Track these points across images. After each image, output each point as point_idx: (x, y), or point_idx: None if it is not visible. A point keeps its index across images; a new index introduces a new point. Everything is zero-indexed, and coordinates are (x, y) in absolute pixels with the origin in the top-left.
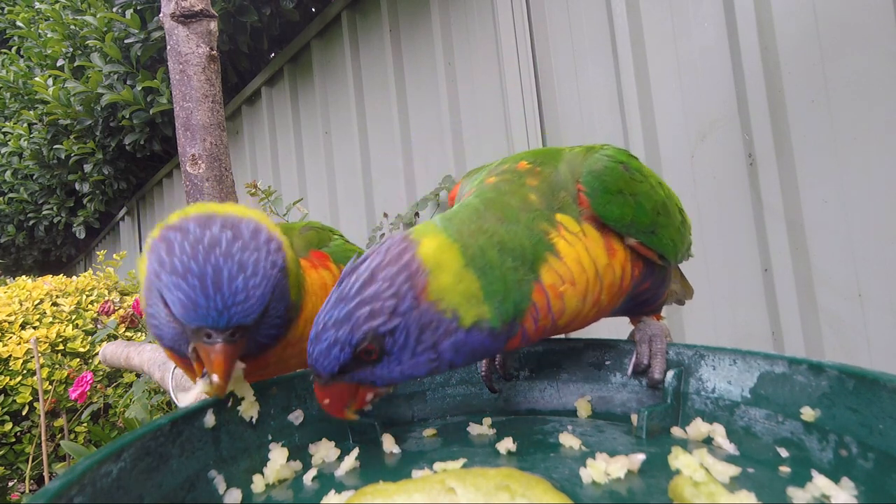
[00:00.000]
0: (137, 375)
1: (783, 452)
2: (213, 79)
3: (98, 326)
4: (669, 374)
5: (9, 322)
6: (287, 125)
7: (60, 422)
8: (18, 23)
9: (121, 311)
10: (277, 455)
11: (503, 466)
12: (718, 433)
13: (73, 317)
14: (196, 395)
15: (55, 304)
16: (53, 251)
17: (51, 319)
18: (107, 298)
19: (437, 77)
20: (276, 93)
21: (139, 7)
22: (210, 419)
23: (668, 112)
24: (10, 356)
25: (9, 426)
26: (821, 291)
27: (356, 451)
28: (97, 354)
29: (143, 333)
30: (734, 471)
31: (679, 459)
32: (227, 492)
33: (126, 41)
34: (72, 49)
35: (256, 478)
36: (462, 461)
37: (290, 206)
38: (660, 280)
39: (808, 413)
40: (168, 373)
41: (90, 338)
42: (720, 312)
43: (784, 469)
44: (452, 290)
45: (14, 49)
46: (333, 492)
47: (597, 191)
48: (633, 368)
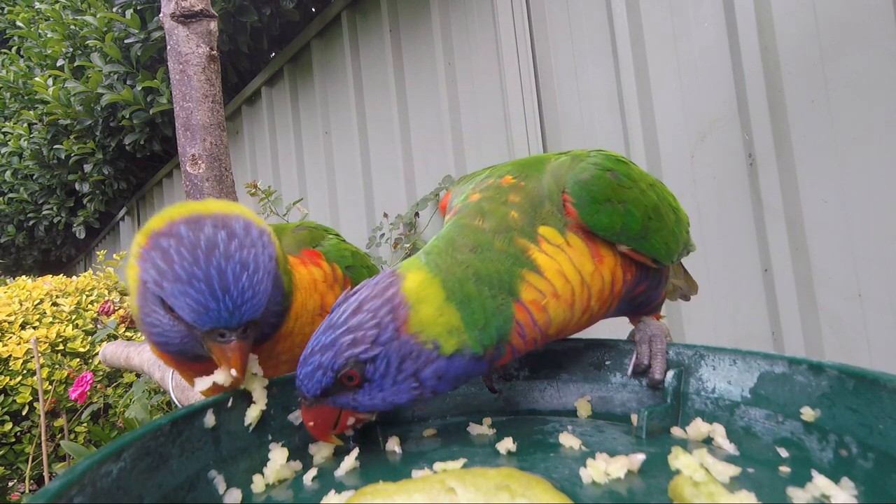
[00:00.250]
0: (137, 375)
1: (783, 452)
2: (213, 79)
3: (98, 326)
4: (669, 374)
5: (9, 322)
6: (287, 125)
7: (60, 422)
8: (18, 23)
9: (121, 311)
10: (277, 455)
11: (503, 466)
12: (718, 433)
13: (73, 317)
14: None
15: (55, 304)
16: (53, 251)
17: (51, 319)
18: (107, 298)
19: (437, 77)
20: (276, 93)
21: (139, 7)
22: (210, 419)
23: (668, 112)
24: (10, 356)
25: (9, 426)
26: (821, 291)
27: (356, 451)
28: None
29: None
30: (734, 471)
31: (679, 459)
32: (227, 492)
33: (126, 41)
34: (72, 49)
35: (256, 478)
36: (462, 461)
37: (290, 206)
38: (655, 282)
39: (808, 413)
40: (168, 373)
41: (90, 338)
42: (720, 312)
43: (784, 469)
44: (433, 323)
45: (14, 49)
46: (333, 492)
47: (584, 200)
48: (634, 368)
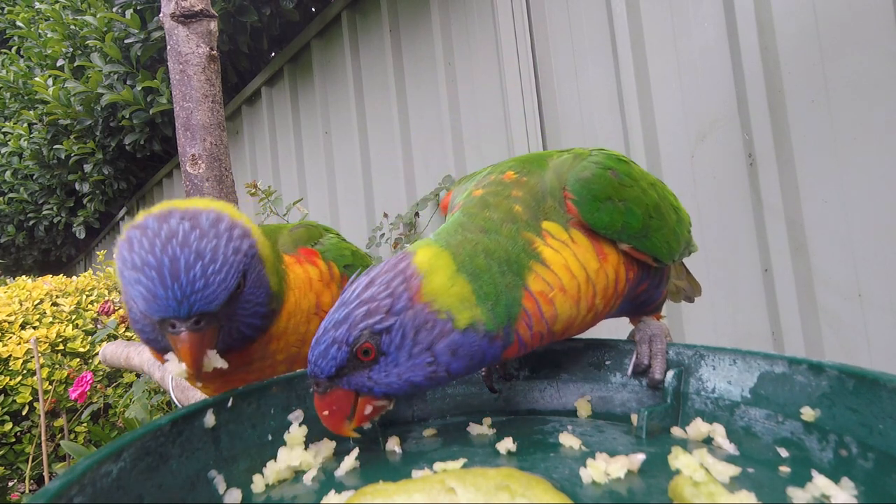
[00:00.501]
0: (137, 375)
1: (783, 452)
2: (213, 79)
3: (98, 326)
4: (669, 374)
5: (9, 322)
6: (287, 125)
7: (60, 422)
8: (18, 23)
9: (121, 311)
10: (283, 454)
11: (503, 466)
12: (718, 433)
13: (73, 317)
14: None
15: (55, 304)
16: (53, 251)
17: (51, 319)
18: (107, 298)
19: (437, 77)
20: (276, 93)
21: (139, 7)
22: (210, 419)
23: (668, 112)
24: (10, 356)
25: (9, 426)
26: (821, 291)
27: (356, 451)
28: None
29: None
30: (734, 471)
31: (679, 459)
32: (227, 492)
33: (126, 41)
34: (72, 49)
35: (256, 478)
36: (462, 461)
37: (290, 206)
38: (657, 281)
39: (808, 413)
40: (168, 373)
41: (90, 338)
42: (720, 312)
43: (784, 469)
44: (445, 293)
45: (14, 49)
46: (333, 492)
47: (585, 199)
48: (634, 368)
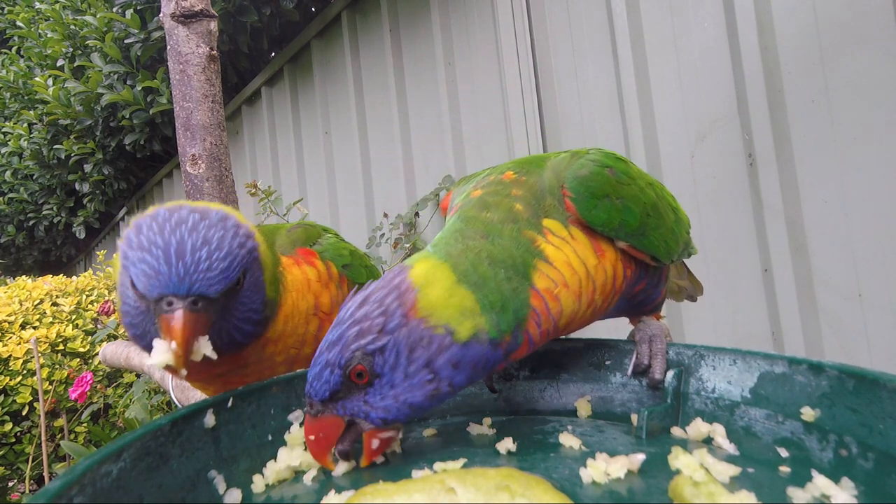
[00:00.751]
0: (137, 375)
1: (783, 452)
2: (213, 79)
3: (98, 326)
4: (669, 374)
5: (9, 322)
6: (287, 125)
7: (60, 422)
8: (18, 23)
9: None
10: (283, 454)
11: (503, 466)
12: (718, 433)
13: (73, 317)
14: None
15: (55, 304)
16: (53, 251)
17: (51, 319)
18: (107, 298)
19: (437, 77)
20: (276, 93)
21: (139, 7)
22: (210, 419)
23: (668, 112)
24: (10, 356)
25: (9, 426)
26: (821, 291)
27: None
28: (97, 354)
29: None
30: (734, 471)
31: (679, 459)
32: (227, 492)
33: (126, 41)
34: (72, 49)
35: (256, 478)
36: (462, 461)
37: (290, 206)
38: (655, 280)
39: (808, 413)
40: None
41: (90, 338)
42: (720, 312)
43: (784, 469)
44: (443, 305)
45: (14, 49)
46: (333, 492)
47: (582, 196)
48: (634, 368)
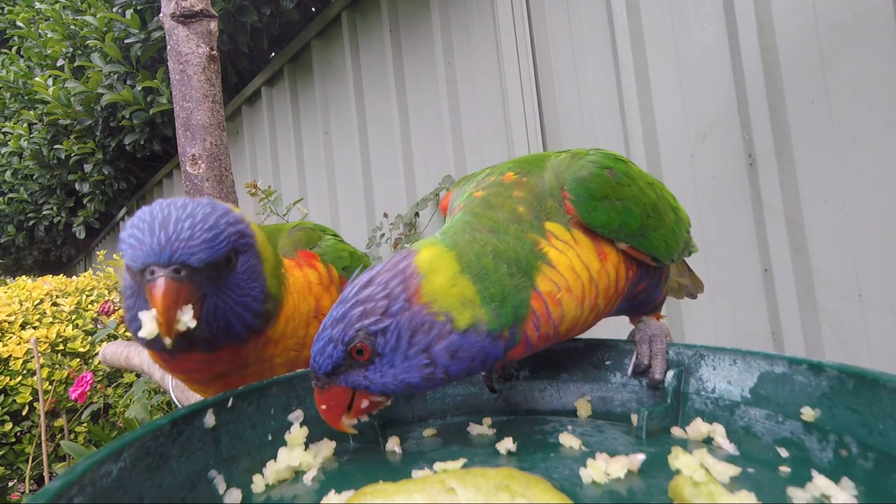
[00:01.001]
0: (137, 375)
1: (783, 452)
2: (213, 79)
3: (98, 326)
4: (669, 374)
5: (9, 322)
6: (287, 125)
7: (60, 422)
8: (18, 23)
9: (121, 311)
10: (283, 454)
11: (503, 466)
12: (718, 433)
13: (73, 317)
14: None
15: (55, 304)
16: (53, 251)
17: (51, 319)
18: (107, 298)
19: (437, 77)
20: (276, 93)
21: (139, 7)
22: (210, 419)
23: (668, 112)
24: (10, 356)
25: (9, 426)
26: (821, 291)
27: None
28: (97, 354)
29: None
30: (734, 471)
31: (679, 459)
32: (227, 492)
33: (126, 41)
34: (72, 49)
35: (256, 478)
36: (462, 461)
37: (290, 206)
38: (655, 280)
39: (808, 413)
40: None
41: (90, 338)
42: (720, 312)
43: (784, 469)
44: (446, 294)
45: (14, 49)
46: (333, 492)
47: (582, 198)
48: (634, 368)
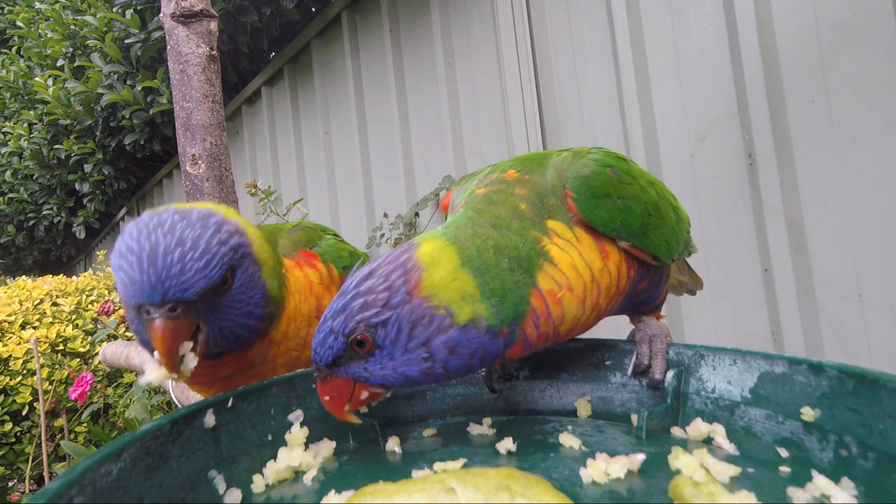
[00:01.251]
0: (137, 375)
1: (783, 452)
2: (213, 79)
3: (98, 326)
4: (669, 374)
5: (9, 322)
6: (287, 125)
7: (60, 422)
8: (18, 23)
9: (121, 311)
10: (283, 454)
11: (503, 466)
12: (718, 433)
13: (73, 317)
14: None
15: (55, 304)
16: (53, 251)
17: (51, 319)
18: (107, 298)
19: (437, 77)
20: (276, 93)
21: (139, 7)
22: (210, 419)
23: (668, 112)
24: (10, 356)
25: (9, 426)
26: (821, 291)
27: (356, 452)
28: (97, 354)
29: None
30: (734, 471)
31: (679, 459)
32: (227, 492)
33: (126, 41)
34: (72, 49)
35: (256, 478)
36: (462, 461)
37: (290, 206)
38: (656, 280)
39: (808, 413)
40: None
41: (90, 338)
42: (720, 312)
43: (784, 469)
44: (446, 287)
45: (14, 49)
46: (333, 492)
47: (584, 196)
48: (634, 368)
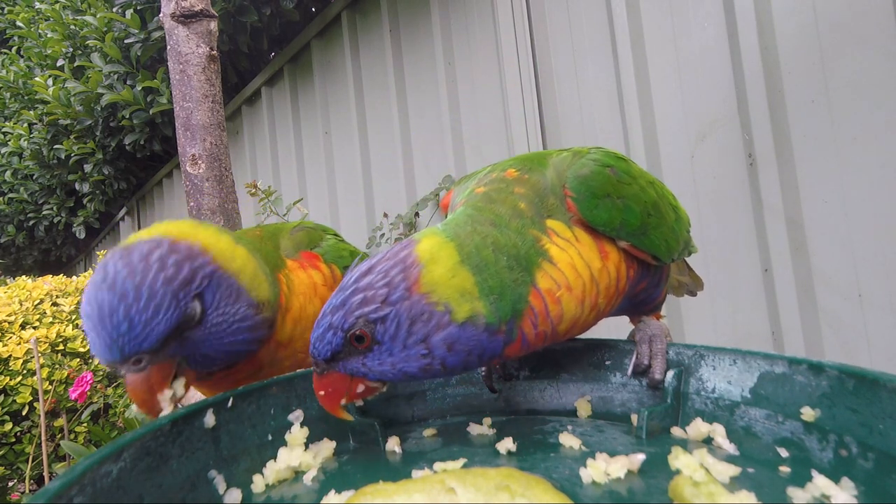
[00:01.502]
0: None
1: (783, 452)
2: (213, 79)
3: None
4: (669, 374)
5: (9, 322)
6: (287, 125)
7: (60, 422)
8: (18, 23)
9: None
10: (283, 454)
11: (503, 466)
12: (718, 433)
13: (73, 317)
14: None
15: (55, 304)
16: (53, 251)
17: (51, 319)
18: None
19: (437, 77)
20: (276, 93)
21: (139, 7)
22: (210, 419)
23: (668, 112)
24: (10, 356)
25: (9, 426)
26: (821, 291)
27: (356, 452)
28: None
29: None
30: (734, 471)
31: (679, 459)
32: (227, 492)
33: (126, 41)
34: (72, 49)
35: (256, 478)
36: (462, 461)
37: (290, 206)
38: (656, 280)
39: (808, 413)
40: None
41: None
42: (720, 312)
43: (784, 469)
44: (445, 284)
45: (14, 49)
46: (333, 492)
47: (583, 196)
48: (634, 368)
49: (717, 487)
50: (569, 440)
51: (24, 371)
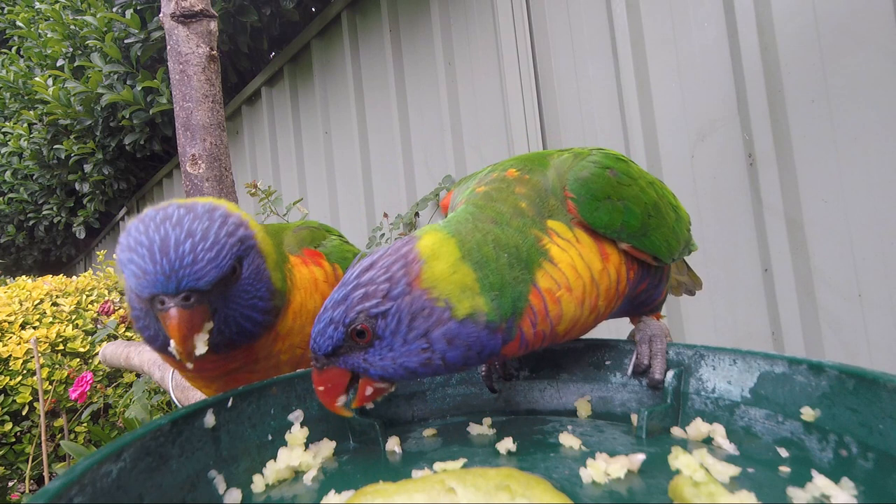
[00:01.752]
0: (137, 375)
1: (783, 452)
2: (213, 79)
3: (98, 326)
4: (669, 374)
5: (9, 322)
6: (287, 125)
7: (60, 422)
8: (18, 23)
9: (121, 311)
10: (283, 454)
11: (503, 466)
12: (718, 433)
13: (73, 317)
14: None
15: (55, 304)
16: (53, 251)
17: (51, 319)
18: (107, 298)
19: (437, 77)
20: (276, 93)
21: (139, 7)
22: (210, 419)
23: (668, 112)
24: (10, 356)
25: (9, 426)
26: (821, 291)
27: (356, 452)
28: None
29: None
30: (734, 471)
31: (679, 459)
32: (227, 492)
33: (126, 41)
34: (72, 49)
35: (256, 478)
36: (462, 461)
37: (290, 206)
38: (656, 280)
39: (808, 413)
40: (168, 373)
41: (90, 338)
42: (720, 312)
43: (784, 469)
44: (446, 280)
45: (14, 49)
46: (333, 492)
47: (584, 198)
48: (634, 369)
49: (717, 487)
50: (569, 440)
51: (24, 371)
